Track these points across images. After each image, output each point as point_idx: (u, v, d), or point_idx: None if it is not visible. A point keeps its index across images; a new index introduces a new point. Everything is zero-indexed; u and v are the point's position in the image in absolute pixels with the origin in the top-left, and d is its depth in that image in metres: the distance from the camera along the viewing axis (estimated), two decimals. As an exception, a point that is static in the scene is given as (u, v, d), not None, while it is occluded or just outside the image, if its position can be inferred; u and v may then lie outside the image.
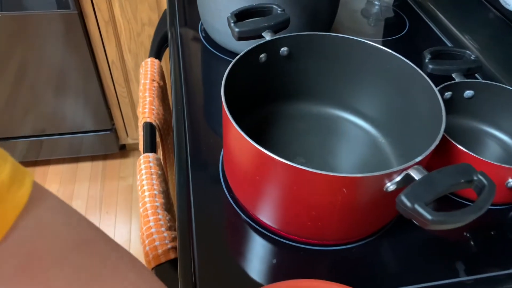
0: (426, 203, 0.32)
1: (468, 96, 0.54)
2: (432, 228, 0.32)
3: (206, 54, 0.70)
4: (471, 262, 0.45)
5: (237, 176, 0.45)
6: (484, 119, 0.56)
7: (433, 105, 0.44)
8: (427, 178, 0.34)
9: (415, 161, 0.36)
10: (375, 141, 0.54)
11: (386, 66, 0.50)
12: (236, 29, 0.49)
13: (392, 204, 0.41)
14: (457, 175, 0.34)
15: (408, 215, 0.33)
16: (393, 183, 0.36)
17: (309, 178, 0.37)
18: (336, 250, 0.45)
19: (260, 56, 0.49)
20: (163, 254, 0.46)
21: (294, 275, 0.43)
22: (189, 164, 0.52)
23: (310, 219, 0.41)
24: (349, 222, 0.41)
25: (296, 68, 0.53)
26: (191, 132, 0.56)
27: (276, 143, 0.53)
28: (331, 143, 0.54)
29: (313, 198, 0.38)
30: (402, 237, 0.47)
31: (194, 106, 0.60)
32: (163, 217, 0.49)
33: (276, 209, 0.43)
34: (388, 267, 0.44)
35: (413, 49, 0.74)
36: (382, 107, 0.53)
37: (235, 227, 0.46)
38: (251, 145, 0.37)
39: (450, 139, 0.45)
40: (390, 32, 0.79)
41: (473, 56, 0.56)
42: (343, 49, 0.51)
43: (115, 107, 1.39)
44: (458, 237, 0.47)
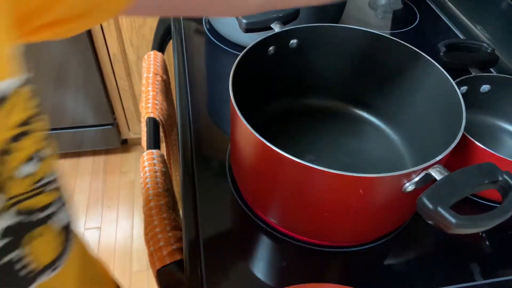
0: (449, 206, 0.30)
1: (485, 90, 0.52)
2: (455, 232, 0.30)
3: (210, 47, 0.68)
4: (488, 265, 0.43)
5: (245, 175, 0.44)
6: (501, 115, 0.54)
7: (450, 101, 0.42)
8: (449, 179, 0.32)
9: (435, 160, 0.34)
10: (387, 138, 0.52)
11: (400, 58, 0.48)
12: (244, 21, 0.47)
13: (409, 205, 0.39)
14: (480, 176, 0.32)
15: (429, 218, 0.31)
16: (411, 183, 0.34)
17: (323, 178, 0.35)
18: (348, 252, 0.43)
19: (269, 48, 0.47)
20: (168, 255, 0.44)
21: (305, 277, 0.41)
22: (194, 161, 0.51)
23: (322, 220, 0.39)
24: (363, 224, 0.40)
25: (306, 61, 0.51)
26: (196, 128, 0.55)
27: (285, 140, 0.51)
28: (341, 140, 0.52)
29: (327, 198, 0.37)
30: (416, 239, 0.45)
31: (199, 101, 0.58)
32: (168, 217, 0.47)
33: (286, 209, 0.41)
34: (401, 269, 0.42)
35: (425, 42, 0.72)
36: (395, 102, 0.51)
37: (243, 227, 0.45)
38: (260, 141, 0.35)
39: (469, 137, 0.43)
40: (399, 24, 0.77)
41: (489, 49, 0.54)
42: (354, 41, 0.49)
43: (117, 101, 1.37)
44: (474, 238, 0.45)
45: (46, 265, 0.25)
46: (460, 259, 0.43)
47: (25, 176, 0.23)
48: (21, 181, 0.23)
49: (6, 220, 0.22)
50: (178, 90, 0.60)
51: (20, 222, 0.23)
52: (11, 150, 0.22)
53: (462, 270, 0.42)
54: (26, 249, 0.24)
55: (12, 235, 0.23)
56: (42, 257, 0.25)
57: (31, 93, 0.23)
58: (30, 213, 0.24)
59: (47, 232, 0.25)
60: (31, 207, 0.24)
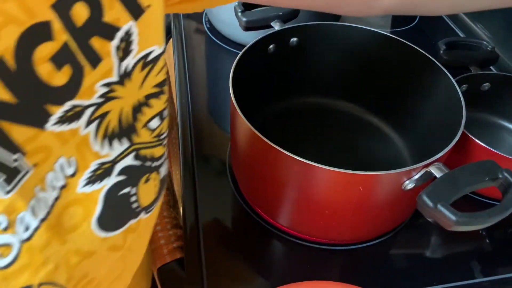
0: (449, 203, 0.30)
1: (485, 88, 0.52)
2: (455, 229, 0.30)
3: (210, 46, 0.68)
4: (488, 262, 0.43)
5: (246, 173, 0.44)
6: (501, 113, 0.54)
7: (450, 98, 0.42)
8: (449, 176, 0.32)
9: (435, 157, 0.34)
10: (387, 136, 0.52)
11: (400, 57, 0.48)
12: (244, 19, 0.47)
13: (409, 202, 0.39)
14: (480, 173, 0.32)
15: (429, 216, 0.31)
16: (411, 181, 0.34)
17: (323, 176, 0.35)
18: (349, 249, 0.43)
19: (269, 47, 0.47)
20: (168, 253, 0.44)
21: (305, 275, 0.41)
22: (194, 159, 0.51)
23: (322, 218, 0.39)
24: (364, 221, 0.40)
25: (306, 60, 0.51)
26: (196, 126, 0.55)
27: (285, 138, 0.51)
28: (341, 137, 0.52)
29: (327, 196, 0.37)
30: (416, 236, 0.45)
31: (199, 99, 0.58)
32: (168, 215, 0.47)
33: (286, 207, 0.41)
34: (402, 267, 0.42)
35: (424, 40, 0.72)
36: (395, 100, 0.51)
37: (243, 225, 0.45)
38: (260, 139, 0.35)
39: (469, 135, 0.43)
40: (399, 22, 0.76)
41: (489, 47, 0.54)
42: (354, 39, 0.49)
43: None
44: (474, 236, 0.45)
45: (146, 205, 0.29)
46: (460, 256, 0.43)
47: (152, 128, 0.27)
48: (147, 132, 0.27)
49: (126, 161, 0.26)
50: (178, 89, 0.60)
51: (136, 165, 0.27)
52: (150, 104, 0.26)
53: (462, 267, 0.42)
54: (137, 188, 0.28)
55: (128, 174, 0.27)
56: (144, 198, 0.29)
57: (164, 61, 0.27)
58: (145, 160, 0.28)
59: (154, 179, 0.29)
60: (147, 155, 0.28)
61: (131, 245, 0.30)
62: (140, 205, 0.29)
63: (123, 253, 0.29)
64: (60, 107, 0.21)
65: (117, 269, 0.31)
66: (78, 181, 0.24)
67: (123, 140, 0.26)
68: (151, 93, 0.26)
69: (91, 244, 0.26)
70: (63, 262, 0.24)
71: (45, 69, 0.20)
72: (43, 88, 0.20)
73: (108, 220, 0.26)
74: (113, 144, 0.25)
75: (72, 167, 0.23)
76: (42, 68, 0.20)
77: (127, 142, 0.26)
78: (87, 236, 0.25)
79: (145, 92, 0.26)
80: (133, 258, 0.33)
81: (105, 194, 0.26)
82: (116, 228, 0.27)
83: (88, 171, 0.24)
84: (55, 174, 0.23)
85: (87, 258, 0.26)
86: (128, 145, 0.26)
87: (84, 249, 0.25)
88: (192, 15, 0.74)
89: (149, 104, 0.26)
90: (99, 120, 0.24)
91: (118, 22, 0.22)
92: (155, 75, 0.26)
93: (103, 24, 0.22)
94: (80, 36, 0.21)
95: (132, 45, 0.23)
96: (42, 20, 0.19)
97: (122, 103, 0.25)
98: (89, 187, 0.25)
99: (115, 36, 0.22)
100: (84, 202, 0.25)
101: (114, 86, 0.24)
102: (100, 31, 0.22)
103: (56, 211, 0.23)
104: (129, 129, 0.26)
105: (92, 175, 0.25)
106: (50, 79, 0.20)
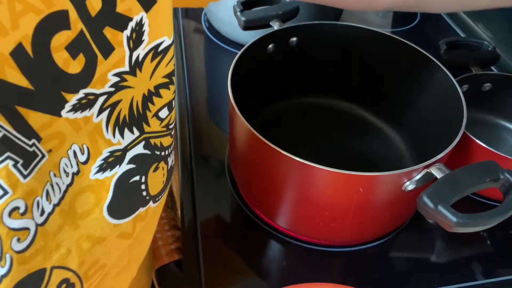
0: (450, 204, 0.30)
1: (486, 89, 0.52)
2: (456, 230, 0.30)
3: (209, 46, 0.68)
4: (489, 264, 0.43)
5: (245, 174, 0.43)
6: (502, 113, 0.54)
7: (451, 99, 0.42)
8: (449, 177, 0.32)
9: (436, 158, 0.34)
10: (388, 136, 0.51)
11: (400, 57, 0.47)
12: (243, 18, 0.47)
13: (409, 204, 0.39)
14: (482, 174, 0.32)
15: (430, 217, 0.31)
16: (412, 182, 0.34)
17: (322, 177, 0.34)
18: (349, 251, 0.43)
19: (268, 46, 0.47)
20: (166, 255, 0.44)
21: (304, 277, 0.41)
22: (192, 159, 0.50)
23: (322, 220, 0.38)
24: (364, 223, 0.39)
25: (305, 60, 0.50)
26: (195, 127, 0.54)
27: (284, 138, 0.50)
28: (341, 138, 0.51)
29: (326, 197, 0.36)
30: (417, 238, 0.45)
31: (198, 99, 0.58)
32: (166, 216, 0.47)
33: (286, 208, 0.41)
34: (402, 269, 0.42)
35: (425, 40, 0.71)
36: (396, 100, 0.51)
37: (242, 227, 0.45)
38: (259, 140, 0.35)
39: (470, 135, 0.43)
40: (400, 22, 0.76)
41: (490, 47, 0.53)
42: (355, 39, 0.49)
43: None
44: (475, 237, 0.45)
45: (154, 194, 0.30)
46: (461, 258, 0.43)
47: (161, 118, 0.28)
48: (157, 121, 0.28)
49: (137, 150, 0.27)
50: (177, 89, 0.60)
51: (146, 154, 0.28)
52: (159, 94, 0.27)
53: (464, 269, 0.42)
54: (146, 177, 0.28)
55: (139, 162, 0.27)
56: (153, 187, 0.29)
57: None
58: (154, 149, 0.28)
59: (162, 168, 0.30)
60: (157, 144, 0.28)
61: (138, 235, 0.30)
62: (149, 193, 0.29)
63: (131, 242, 0.29)
64: (75, 95, 0.22)
65: (124, 259, 0.31)
66: (91, 168, 0.25)
67: (134, 129, 0.26)
68: (160, 83, 0.27)
69: (102, 231, 0.26)
70: (75, 247, 0.24)
71: (61, 57, 0.21)
72: (60, 75, 0.21)
73: (119, 207, 0.27)
74: (124, 133, 0.26)
75: (85, 154, 0.24)
76: (58, 56, 0.20)
77: (138, 131, 0.27)
78: (98, 222, 0.26)
79: (155, 82, 0.26)
80: (139, 249, 0.34)
81: (116, 181, 0.26)
82: (126, 215, 0.28)
83: (100, 158, 0.25)
84: (68, 160, 0.23)
85: (98, 244, 0.26)
86: (138, 134, 0.27)
87: (96, 235, 0.26)
88: (191, 14, 0.73)
89: (159, 94, 0.27)
90: (111, 108, 0.24)
91: (130, 13, 0.23)
92: (165, 65, 0.26)
93: (116, 14, 0.22)
94: (94, 25, 0.21)
95: (143, 36, 0.24)
96: (60, 9, 0.20)
97: (133, 92, 0.25)
98: (101, 174, 0.25)
99: (127, 26, 0.23)
100: (96, 188, 0.25)
101: (125, 76, 0.24)
102: (112, 21, 0.22)
103: (69, 197, 0.24)
104: (139, 118, 0.26)
105: (103, 162, 0.25)
106: (66, 67, 0.21)
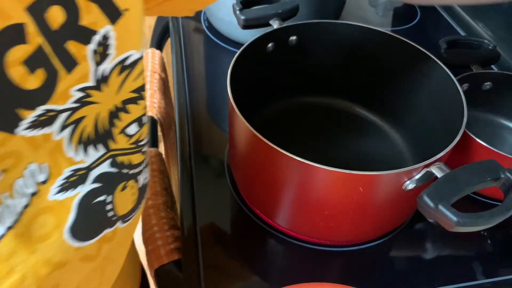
0: (450, 203, 0.30)
1: (486, 88, 0.52)
2: (457, 230, 0.30)
3: (209, 45, 0.68)
4: (490, 264, 0.43)
5: (244, 173, 0.43)
6: (502, 112, 0.53)
7: (452, 98, 0.42)
8: (450, 176, 0.32)
9: (436, 157, 0.34)
10: (388, 135, 0.51)
11: (401, 56, 0.47)
12: (242, 17, 0.46)
13: (409, 203, 0.39)
14: (482, 173, 0.32)
15: (430, 216, 0.30)
16: (412, 181, 0.34)
17: (323, 176, 0.34)
18: (349, 251, 0.42)
19: (267, 45, 0.46)
20: (166, 254, 0.43)
21: (304, 277, 0.41)
22: (192, 159, 0.50)
23: (322, 219, 0.38)
24: (364, 222, 0.39)
25: (305, 58, 0.50)
26: (194, 126, 0.54)
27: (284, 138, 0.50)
28: (341, 137, 0.51)
29: (326, 197, 0.36)
30: (417, 238, 0.45)
31: (197, 99, 0.58)
32: (166, 216, 0.47)
33: (285, 208, 0.40)
34: (402, 268, 0.42)
35: (425, 39, 0.71)
36: (396, 99, 0.50)
37: (241, 226, 0.44)
38: (259, 139, 0.35)
39: (471, 134, 0.43)
40: (400, 21, 0.76)
41: (491, 45, 0.53)
42: (355, 38, 0.49)
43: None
44: (475, 237, 0.45)
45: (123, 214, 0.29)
46: (462, 258, 0.43)
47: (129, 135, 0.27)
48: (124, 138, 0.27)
49: (102, 168, 0.26)
50: (176, 88, 0.60)
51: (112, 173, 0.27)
52: (127, 110, 0.26)
53: (464, 269, 0.42)
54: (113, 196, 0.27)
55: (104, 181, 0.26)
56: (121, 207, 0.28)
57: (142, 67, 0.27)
58: (122, 167, 0.27)
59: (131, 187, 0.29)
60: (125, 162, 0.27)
61: (109, 254, 0.29)
62: (117, 214, 0.28)
63: (100, 263, 0.28)
64: (32, 111, 0.21)
65: (94, 281, 0.30)
66: (50, 188, 0.23)
67: (99, 146, 0.25)
68: (128, 98, 0.26)
69: (63, 254, 0.25)
70: (31, 272, 0.23)
71: (17, 72, 0.20)
72: (15, 91, 0.20)
73: (82, 229, 0.26)
74: (88, 150, 0.25)
75: (44, 173, 0.23)
76: (14, 71, 0.19)
77: (103, 149, 0.25)
78: (58, 245, 0.24)
79: (122, 97, 0.25)
80: (112, 268, 0.32)
81: (79, 202, 0.25)
82: (90, 237, 0.26)
83: (61, 177, 0.24)
84: (25, 180, 0.22)
85: (58, 268, 0.25)
86: (104, 151, 0.25)
87: (55, 259, 0.24)
88: (190, 14, 0.73)
89: (126, 109, 0.26)
90: (74, 125, 0.23)
91: (95, 26, 0.22)
92: (133, 80, 0.25)
93: (80, 27, 0.21)
94: (55, 39, 0.20)
95: (110, 49, 0.23)
96: (16, 22, 0.19)
97: (98, 108, 0.24)
98: (61, 194, 0.24)
99: (92, 40, 0.22)
100: (56, 210, 0.24)
101: (90, 91, 0.23)
102: (76, 34, 0.21)
103: (25, 219, 0.22)
104: (105, 135, 0.25)
105: (65, 182, 0.24)
106: (22, 82, 0.20)
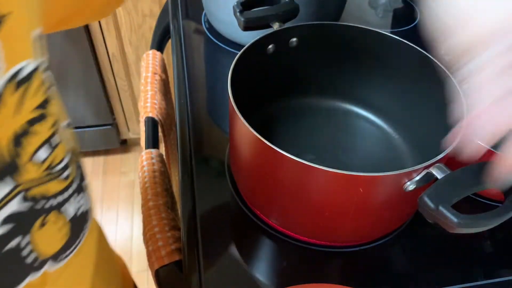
0: (451, 205, 0.30)
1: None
2: (458, 231, 0.30)
3: (209, 46, 0.68)
4: (490, 265, 0.43)
5: (245, 174, 0.43)
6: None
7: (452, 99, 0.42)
8: (450, 177, 0.32)
9: (437, 158, 0.34)
10: (388, 136, 0.51)
11: (401, 57, 0.47)
12: (243, 18, 0.46)
13: (409, 204, 0.39)
14: (483, 174, 0.32)
15: (431, 218, 0.30)
16: (412, 182, 0.34)
17: (323, 177, 0.34)
18: (348, 251, 0.43)
19: (268, 47, 0.46)
20: (166, 255, 0.43)
21: (305, 278, 0.41)
22: (192, 160, 0.50)
23: (322, 220, 0.38)
24: (363, 223, 0.39)
25: (305, 60, 0.50)
26: (195, 127, 0.54)
27: (285, 139, 0.50)
28: (341, 139, 0.51)
29: (327, 198, 0.36)
30: (417, 238, 0.45)
31: (198, 100, 0.58)
32: (167, 217, 0.47)
33: (285, 209, 0.40)
34: (402, 270, 0.42)
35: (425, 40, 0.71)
36: (395, 101, 0.50)
37: (242, 227, 0.44)
38: (259, 140, 0.35)
39: (471, 135, 0.43)
40: (400, 22, 0.76)
41: None
42: (355, 39, 0.49)
43: (116, 101, 1.37)
44: (476, 237, 0.45)
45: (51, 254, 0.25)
46: (462, 259, 0.43)
47: (40, 161, 0.23)
48: (34, 166, 0.23)
49: (12, 206, 0.22)
50: (177, 89, 0.60)
51: (25, 209, 0.23)
52: (29, 133, 0.22)
53: (464, 270, 0.42)
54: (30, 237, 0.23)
55: (15, 222, 0.22)
56: (46, 246, 0.25)
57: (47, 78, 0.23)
58: (37, 200, 0.23)
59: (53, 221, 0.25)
60: (37, 195, 0.23)
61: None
62: (40, 256, 0.24)
63: None
64: None
65: None
66: None
67: (5, 180, 0.21)
68: (32, 118, 0.22)
69: None
70: None
71: None
72: None
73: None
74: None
75: None
76: None
77: (11, 183, 0.22)
78: None
79: (24, 118, 0.21)
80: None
81: None
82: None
83: None
84: None
85: None
86: (11, 186, 0.22)
87: None
88: (191, 15, 0.73)
89: (32, 131, 0.22)
90: None
91: None
92: (32, 95, 0.22)
93: None
94: None
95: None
96: None
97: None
98: None
99: None
100: None
101: None
102: None
103: None
104: (10, 167, 0.21)
105: None
106: None
